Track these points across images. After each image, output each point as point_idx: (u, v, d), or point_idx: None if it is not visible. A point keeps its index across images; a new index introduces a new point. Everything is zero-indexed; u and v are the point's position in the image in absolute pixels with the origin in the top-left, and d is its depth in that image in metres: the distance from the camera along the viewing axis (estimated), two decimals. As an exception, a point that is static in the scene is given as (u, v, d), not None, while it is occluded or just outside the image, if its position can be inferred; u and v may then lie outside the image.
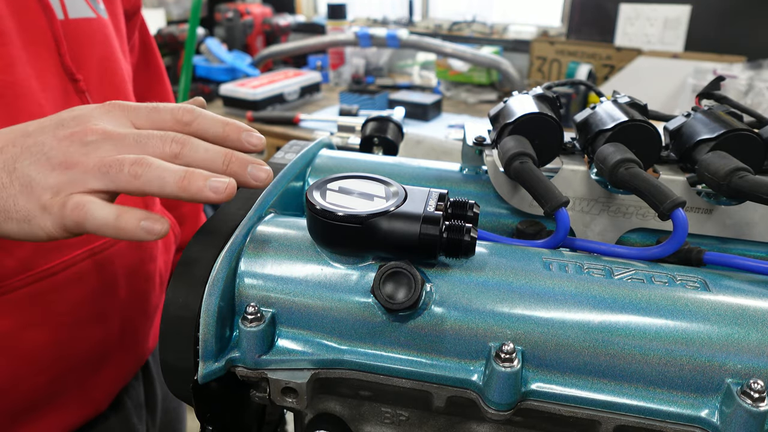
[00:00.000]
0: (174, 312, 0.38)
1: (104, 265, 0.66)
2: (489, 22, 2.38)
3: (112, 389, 0.73)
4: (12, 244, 0.57)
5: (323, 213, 0.37)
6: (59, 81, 0.62)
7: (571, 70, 1.95)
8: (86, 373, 0.68)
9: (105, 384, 0.71)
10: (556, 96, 0.52)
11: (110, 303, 0.69)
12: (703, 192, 0.48)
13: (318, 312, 0.38)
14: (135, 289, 0.73)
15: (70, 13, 0.63)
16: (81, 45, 0.64)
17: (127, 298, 0.71)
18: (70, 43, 0.63)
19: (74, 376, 0.67)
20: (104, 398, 0.72)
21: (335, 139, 0.72)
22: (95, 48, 0.67)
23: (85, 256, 0.64)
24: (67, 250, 0.62)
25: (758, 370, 0.33)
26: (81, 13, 0.65)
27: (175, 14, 2.60)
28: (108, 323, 0.69)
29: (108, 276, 0.67)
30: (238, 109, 1.90)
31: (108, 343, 0.70)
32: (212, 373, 0.38)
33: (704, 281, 0.37)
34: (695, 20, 1.88)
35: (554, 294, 0.36)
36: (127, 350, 0.74)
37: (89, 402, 0.70)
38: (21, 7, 0.59)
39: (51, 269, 0.60)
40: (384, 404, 0.43)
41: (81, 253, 0.63)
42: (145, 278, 0.75)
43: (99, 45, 0.67)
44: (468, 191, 0.53)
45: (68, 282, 0.62)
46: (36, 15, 0.60)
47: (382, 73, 2.43)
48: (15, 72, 0.57)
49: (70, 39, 0.63)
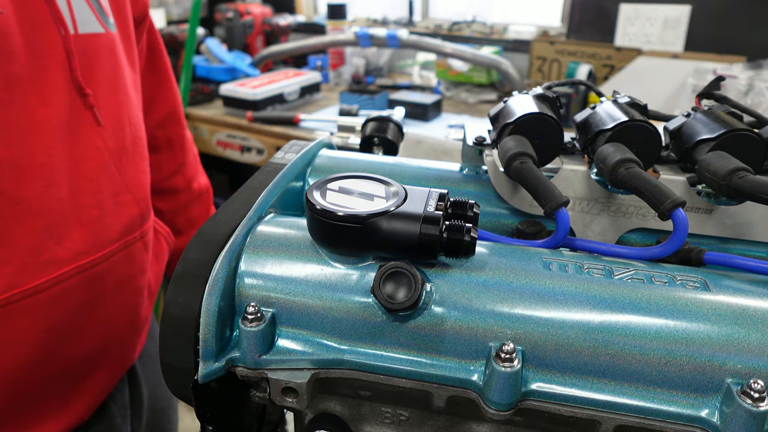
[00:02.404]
0: (174, 312, 0.38)
1: (93, 281, 0.65)
2: (489, 22, 2.38)
3: (95, 400, 0.72)
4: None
5: (323, 213, 0.37)
6: (67, 95, 0.62)
7: (571, 70, 1.95)
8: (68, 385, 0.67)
9: (88, 395, 0.70)
10: (556, 96, 0.52)
11: (96, 317, 0.67)
12: (703, 192, 0.48)
13: (318, 312, 0.38)
14: (123, 303, 0.72)
15: (80, 28, 0.63)
16: (90, 60, 0.65)
17: (114, 312, 0.70)
18: (80, 57, 0.63)
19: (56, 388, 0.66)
20: (87, 409, 0.71)
21: (335, 139, 0.72)
22: (103, 63, 0.67)
23: (74, 273, 0.63)
24: (54, 268, 0.61)
25: (758, 370, 0.33)
26: (90, 29, 0.65)
27: (175, 14, 2.60)
28: (93, 337, 0.68)
29: (96, 291, 0.66)
30: (238, 109, 1.90)
31: (92, 356, 0.69)
32: (212, 373, 0.38)
33: (704, 281, 0.37)
34: (695, 20, 1.88)
35: (554, 294, 0.36)
36: (112, 361, 0.73)
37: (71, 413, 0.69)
38: (34, 22, 0.59)
39: (38, 286, 0.59)
40: (384, 404, 0.43)
41: (70, 269, 0.62)
42: (135, 292, 0.74)
43: (107, 60, 0.68)
44: (468, 191, 0.53)
45: (54, 298, 0.61)
46: (49, 29, 0.60)
47: (382, 73, 2.43)
48: (13, 90, 0.57)
49: (80, 54, 0.63)
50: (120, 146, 0.70)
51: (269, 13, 2.51)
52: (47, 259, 0.60)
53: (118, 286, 0.70)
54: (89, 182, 0.65)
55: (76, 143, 0.63)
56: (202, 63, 2.23)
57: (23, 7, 0.58)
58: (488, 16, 2.42)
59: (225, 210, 0.45)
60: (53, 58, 0.61)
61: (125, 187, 0.70)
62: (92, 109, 0.65)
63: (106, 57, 0.68)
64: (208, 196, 1.01)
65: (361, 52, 2.34)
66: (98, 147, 0.66)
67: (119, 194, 0.69)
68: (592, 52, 2.02)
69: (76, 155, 0.63)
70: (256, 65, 2.24)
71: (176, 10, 2.60)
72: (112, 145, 0.68)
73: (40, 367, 0.63)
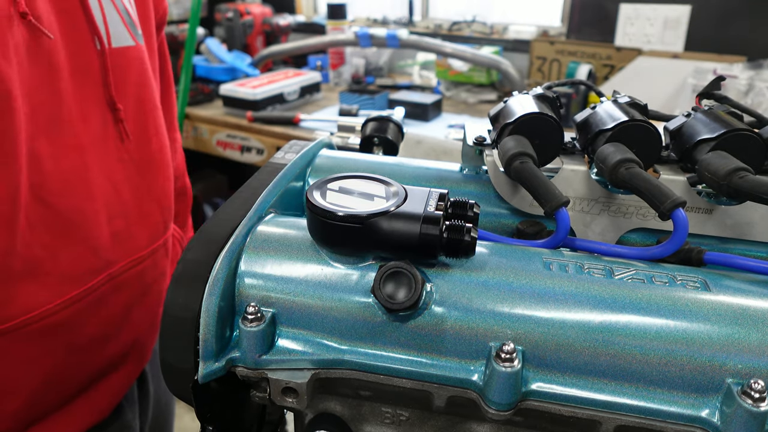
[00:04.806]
0: (174, 312, 0.38)
1: (122, 288, 0.68)
2: (489, 22, 2.38)
3: (115, 398, 0.74)
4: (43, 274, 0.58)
5: (323, 213, 0.37)
6: (100, 110, 0.64)
7: (571, 70, 1.95)
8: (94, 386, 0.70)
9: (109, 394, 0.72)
10: (556, 96, 0.52)
11: (124, 323, 0.70)
12: (704, 192, 0.48)
13: (318, 312, 0.38)
14: (147, 308, 0.74)
15: (113, 42, 0.64)
16: (122, 73, 0.66)
17: (139, 317, 0.73)
18: (113, 71, 0.64)
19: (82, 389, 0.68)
20: (107, 407, 0.73)
21: (335, 139, 0.72)
22: (132, 76, 0.68)
23: (105, 281, 0.65)
24: (90, 277, 0.63)
25: (759, 370, 0.33)
26: (122, 42, 0.66)
27: (175, 14, 2.60)
28: (119, 341, 0.70)
29: (125, 298, 0.69)
30: (238, 109, 1.90)
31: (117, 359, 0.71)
32: (212, 373, 0.38)
33: (704, 281, 0.37)
34: (695, 20, 1.87)
35: (554, 294, 0.36)
36: (133, 362, 0.76)
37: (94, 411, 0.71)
38: (77, 39, 0.60)
39: (75, 297, 0.61)
40: (384, 404, 0.43)
41: (102, 278, 0.64)
42: (157, 296, 0.76)
43: (135, 73, 0.69)
44: (468, 191, 0.53)
45: (89, 307, 0.63)
46: (87, 45, 0.61)
47: (382, 73, 2.43)
48: (62, 104, 0.58)
49: (113, 68, 0.64)
50: (146, 158, 0.71)
51: (269, 13, 2.51)
52: (84, 270, 0.62)
53: (144, 292, 0.72)
54: (117, 194, 0.67)
55: (106, 156, 0.65)
56: (202, 63, 2.23)
57: (67, 24, 0.59)
58: (488, 16, 2.42)
59: (225, 210, 0.45)
60: (91, 73, 0.62)
61: (150, 196, 0.72)
62: (122, 123, 0.66)
63: (136, 69, 0.69)
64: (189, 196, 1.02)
65: (361, 52, 2.33)
66: (124, 160, 0.68)
67: (144, 204, 0.71)
68: (592, 52, 2.02)
69: (106, 168, 0.65)
70: (256, 65, 2.24)
71: (176, 10, 2.60)
72: (138, 157, 0.70)
73: (71, 373, 0.65)
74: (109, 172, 0.65)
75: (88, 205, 0.62)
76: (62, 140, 0.59)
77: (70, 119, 0.59)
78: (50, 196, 0.58)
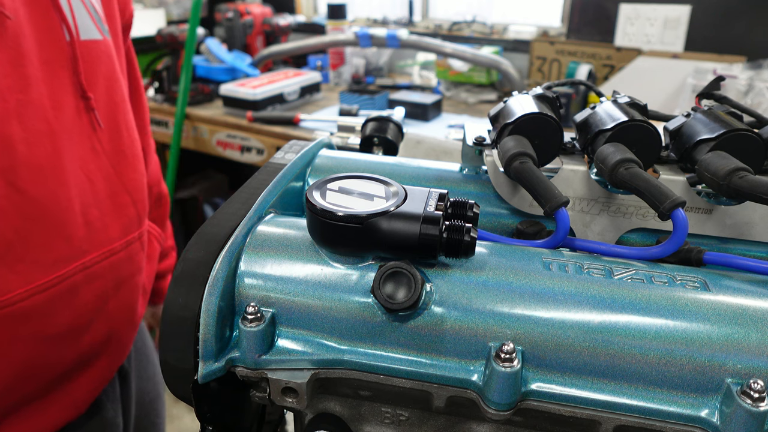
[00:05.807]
0: (174, 312, 0.38)
1: (95, 278, 0.68)
2: (489, 22, 2.38)
3: (92, 393, 0.74)
4: (14, 259, 0.58)
5: (323, 213, 0.37)
6: (72, 99, 0.64)
7: (571, 70, 1.95)
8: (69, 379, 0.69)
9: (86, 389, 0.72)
10: (556, 96, 0.52)
11: (99, 315, 0.70)
12: (703, 192, 0.48)
13: (318, 312, 0.38)
14: (123, 301, 0.74)
15: (81, 34, 0.66)
16: (91, 65, 0.67)
17: (114, 310, 0.72)
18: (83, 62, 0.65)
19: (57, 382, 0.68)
20: (84, 402, 0.73)
21: (335, 139, 0.72)
22: (101, 68, 0.70)
23: (78, 270, 0.65)
24: (62, 265, 0.63)
25: (758, 370, 0.33)
26: (90, 35, 0.68)
27: (175, 14, 2.60)
28: (95, 334, 0.70)
29: (99, 289, 0.69)
30: (238, 109, 1.90)
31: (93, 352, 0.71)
32: (212, 373, 0.38)
33: (704, 281, 0.37)
34: (695, 20, 1.87)
35: (554, 294, 0.36)
36: (110, 357, 0.75)
37: (70, 405, 0.71)
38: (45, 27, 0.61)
39: (47, 283, 0.61)
40: (384, 404, 0.43)
41: (74, 267, 0.64)
42: (133, 290, 0.76)
43: (104, 66, 0.70)
44: (468, 191, 0.53)
45: (61, 296, 0.63)
46: (58, 34, 0.63)
47: (382, 73, 2.43)
48: (30, 92, 0.59)
49: (83, 59, 0.65)
50: (118, 149, 0.72)
51: (269, 13, 2.51)
52: (56, 257, 0.62)
53: (119, 285, 0.72)
54: (90, 183, 0.67)
55: (79, 145, 0.66)
56: (202, 63, 2.23)
57: (35, 12, 0.60)
58: (488, 16, 2.42)
59: (225, 210, 0.45)
60: (61, 62, 0.63)
61: (123, 188, 0.73)
62: (93, 112, 0.67)
63: (105, 63, 0.70)
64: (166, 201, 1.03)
65: (361, 52, 2.33)
66: (97, 150, 0.69)
67: (117, 195, 0.72)
68: (592, 52, 2.02)
69: (79, 157, 0.66)
70: (256, 65, 2.24)
71: (176, 10, 2.60)
72: (110, 148, 0.71)
73: (44, 363, 0.64)
74: (82, 161, 0.66)
75: (61, 192, 0.62)
76: (34, 125, 0.59)
77: (41, 105, 0.60)
78: (21, 182, 0.58)
